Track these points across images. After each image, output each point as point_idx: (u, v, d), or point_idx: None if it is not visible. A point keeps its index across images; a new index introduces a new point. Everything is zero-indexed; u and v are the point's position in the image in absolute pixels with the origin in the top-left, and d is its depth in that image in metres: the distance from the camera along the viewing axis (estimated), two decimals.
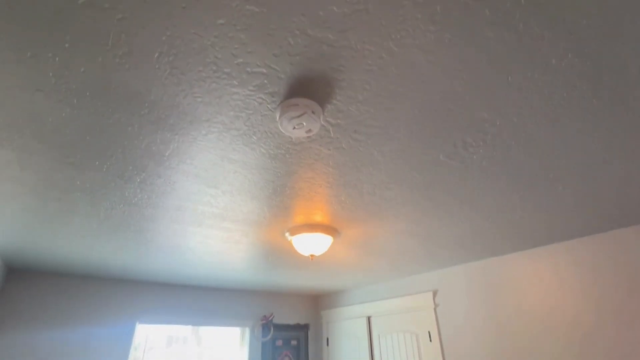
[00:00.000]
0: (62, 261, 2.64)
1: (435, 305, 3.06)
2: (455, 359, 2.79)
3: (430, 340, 3.01)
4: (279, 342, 4.05)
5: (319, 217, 1.92)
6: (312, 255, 2.10)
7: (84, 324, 3.04)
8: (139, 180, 1.47)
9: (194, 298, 3.71)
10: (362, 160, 1.37)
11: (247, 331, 3.91)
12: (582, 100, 1.07)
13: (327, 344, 4.15)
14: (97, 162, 1.34)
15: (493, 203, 1.78)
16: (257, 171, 1.43)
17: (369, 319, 3.69)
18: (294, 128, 1.08)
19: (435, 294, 3.10)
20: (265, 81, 0.97)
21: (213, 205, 1.73)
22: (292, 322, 4.26)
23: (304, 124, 1.05)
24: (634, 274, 2.04)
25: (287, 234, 2.12)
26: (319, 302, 4.53)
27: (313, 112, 1.03)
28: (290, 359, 4.06)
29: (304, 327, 4.32)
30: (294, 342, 4.16)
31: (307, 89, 1.00)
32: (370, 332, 3.63)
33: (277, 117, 1.06)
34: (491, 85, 1.00)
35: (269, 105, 1.06)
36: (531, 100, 1.06)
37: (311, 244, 2.04)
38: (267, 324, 3.99)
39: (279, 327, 4.11)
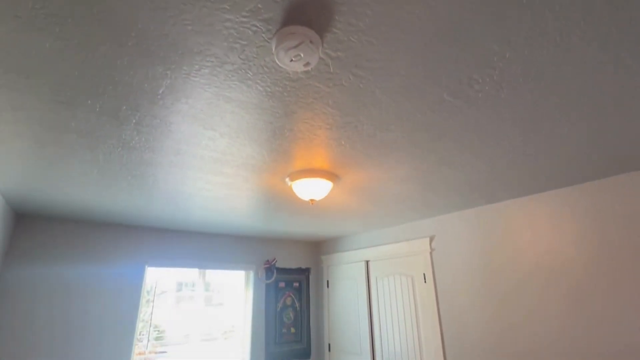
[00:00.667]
0: (69, 207, 2.70)
1: (432, 250, 3.18)
2: (448, 298, 2.96)
3: (425, 282, 3.17)
4: (282, 284, 4.28)
5: (318, 162, 1.92)
6: (312, 200, 2.13)
7: (95, 267, 3.19)
8: (134, 121, 1.44)
9: (200, 243, 3.85)
10: (363, 99, 1.33)
11: (252, 274, 4.12)
12: (600, 25, 0.99)
13: (328, 286, 4.39)
14: (89, 101, 1.29)
15: (495, 147, 1.75)
16: (255, 111, 1.39)
17: (367, 263, 3.86)
18: (291, 60, 1.02)
19: (432, 239, 3.20)
20: (259, 5, 0.90)
21: (212, 148, 1.71)
22: (294, 266, 4.47)
23: (302, 55, 1.00)
24: (629, 222, 2.08)
25: (287, 180, 2.13)
26: (320, 247, 4.71)
27: (311, 42, 0.97)
28: (292, 299, 4.32)
29: (306, 271, 4.54)
30: (296, 284, 4.39)
31: (305, 15, 0.93)
32: (368, 275, 3.81)
33: (273, 48, 1.00)
34: (503, 9, 0.93)
35: (264, 35, 0.99)
36: (544, 25, 0.99)
37: (311, 189, 2.05)
38: (270, 268, 4.19)
39: (282, 271, 4.32)
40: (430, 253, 3.18)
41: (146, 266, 3.46)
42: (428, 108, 1.39)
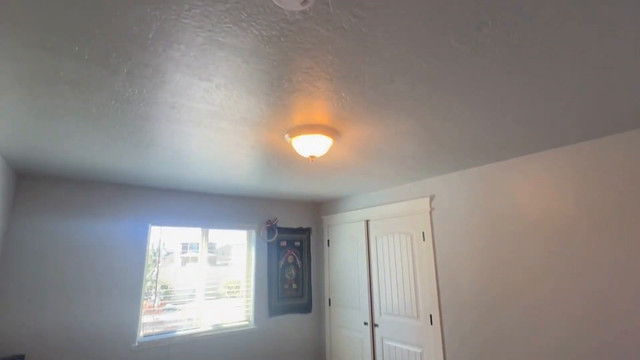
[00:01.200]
0: (69, 167, 2.69)
1: (431, 209, 3.20)
2: (445, 255, 3.03)
3: (424, 240, 3.23)
4: (283, 243, 4.38)
5: (318, 117, 1.87)
6: (312, 157, 2.10)
7: (99, 226, 3.25)
8: (125, 70, 1.38)
9: (203, 203, 3.89)
10: (365, 45, 1.26)
11: (254, 233, 4.20)
12: None
13: (328, 245, 4.50)
14: (76, 47, 1.23)
15: (501, 102, 1.69)
16: (251, 59, 1.33)
17: (367, 222, 3.91)
18: None
19: (432, 198, 3.22)
20: None
21: (208, 101, 1.66)
22: (295, 226, 4.54)
23: None
24: (631, 181, 2.06)
25: (286, 136, 2.10)
26: (321, 208, 4.77)
27: None
28: (294, 257, 4.44)
29: (307, 231, 4.62)
30: (297, 244, 4.50)
31: None
32: (368, 234, 3.89)
33: None
34: None
35: None
36: None
37: (311, 145, 2.02)
38: (272, 227, 4.27)
39: (283, 230, 4.40)
40: (430, 212, 3.21)
41: (150, 225, 3.52)
42: (433, 55, 1.32)
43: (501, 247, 2.64)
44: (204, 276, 3.76)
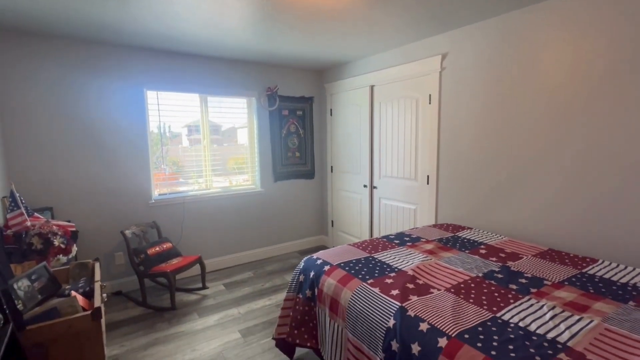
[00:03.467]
0: (48, 17, 2.39)
1: (442, 69, 2.97)
2: (450, 118, 2.95)
3: (430, 103, 3.10)
4: (285, 112, 4.30)
5: None
6: None
7: (89, 88, 3.12)
8: None
9: (200, 68, 3.66)
10: None
11: (254, 101, 4.08)
12: None
13: (331, 115, 4.42)
14: None
15: None
16: None
17: (372, 88, 3.72)
18: None
19: (444, 57, 2.95)
20: None
21: None
22: (297, 94, 4.38)
23: None
24: None
25: None
26: (323, 76, 4.50)
27: None
28: (296, 126, 4.42)
29: (309, 100, 4.48)
30: (299, 113, 4.42)
31: None
32: (372, 101, 3.75)
33: None
34: None
35: None
36: None
37: None
38: (272, 95, 4.12)
39: (285, 99, 4.26)
40: (440, 72, 2.99)
41: (145, 89, 3.39)
42: None
43: (513, 112, 2.53)
44: (210, 154, 3.83)
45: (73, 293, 1.67)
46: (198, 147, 3.82)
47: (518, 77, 2.46)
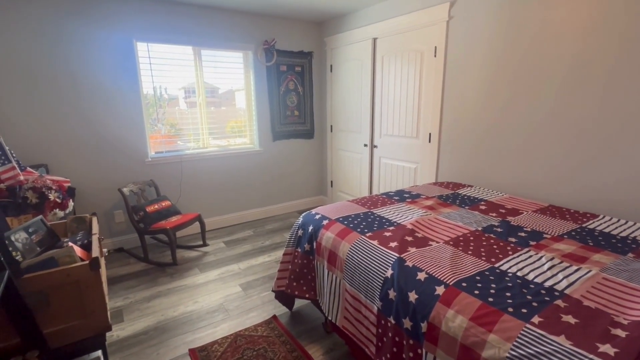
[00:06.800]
0: None
1: (449, 18, 2.79)
2: (456, 73, 2.82)
3: (435, 56, 2.95)
4: (283, 68, 4.12)
5: None
6: None
7: (78, 38, 2.94)
8: None
9: (193, 18, 3.44)
10: None
11: (250, 55, 3.89)
12: None
13: (331, 71, 4.23)
14: None
15: None
16: None
17: (374, 40, 3.53)
18: None
19: (452, 4, 2.75)
20: None
21: None
22: (295, 49, 4.17)
23: None
24: None
25: None
26: (323, 28, 4.26)
27: None
28: (295, 83, 4.26)
29: (308, 55, 4.28)
30: (298, 69, 4.24)
31: None
32: (375, 55, 3.57)
33: None
34: None
35: None
36: None
37: None
38: (270, 49, 3.92)
39: (283, 54, 4.06)
40: (447, 22, 2.80)
41: (134, 40, 3.20)
42: None
43: (523, 68, 2.39)
44: (205, 111, 3.70)
45: (70, 244, 1.67)
46: (195, 110, 3.69)
47: (536, 29, 2.30)
